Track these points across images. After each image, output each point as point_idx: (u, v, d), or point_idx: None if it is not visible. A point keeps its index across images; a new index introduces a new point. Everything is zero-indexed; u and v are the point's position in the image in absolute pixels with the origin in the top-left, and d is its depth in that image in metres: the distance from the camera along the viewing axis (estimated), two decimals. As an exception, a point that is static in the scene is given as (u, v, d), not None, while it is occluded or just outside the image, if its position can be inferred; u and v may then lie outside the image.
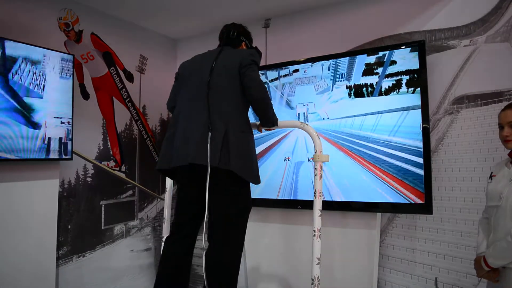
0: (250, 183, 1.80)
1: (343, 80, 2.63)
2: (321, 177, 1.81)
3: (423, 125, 2.34)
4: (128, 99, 3.28)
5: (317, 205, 1.78)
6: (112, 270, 3.04)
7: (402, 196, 2.37)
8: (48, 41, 2.55)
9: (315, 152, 1.84)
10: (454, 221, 2.42)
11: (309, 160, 2.71)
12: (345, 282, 2.55)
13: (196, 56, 1.97)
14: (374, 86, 2.51)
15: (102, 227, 2.99)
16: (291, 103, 2.86)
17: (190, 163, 1.65)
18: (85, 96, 2.91)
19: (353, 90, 2.58)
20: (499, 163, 1.74)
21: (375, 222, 2.52)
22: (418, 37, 2.59)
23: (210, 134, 1.63)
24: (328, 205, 2.57)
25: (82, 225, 2.83)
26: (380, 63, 2.50)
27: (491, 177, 1.74)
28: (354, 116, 2.56)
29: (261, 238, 2.90)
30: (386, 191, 2.42)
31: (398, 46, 2.48)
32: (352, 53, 2.66)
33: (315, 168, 1.83)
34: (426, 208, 2.31)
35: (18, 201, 2.32)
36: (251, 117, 1.95)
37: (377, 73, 2.51)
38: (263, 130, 2.05)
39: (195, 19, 3.27)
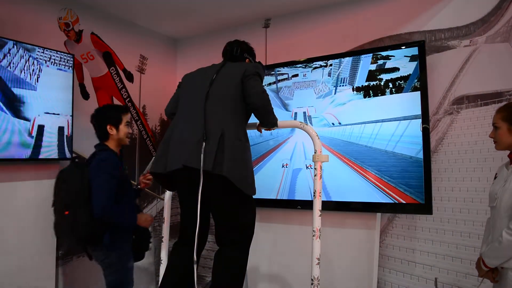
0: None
1: (345, 85, 2.61)
2: (320, 177, 1.80)
3: (423, 125, 2.34)
4: (128, 99, 3.27)
5: (317, 205, 1.77)
6: (112, 270, 3.03)
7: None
8: (48, 41, 2.55)
9: (315, 152, 1.83)
10: (454, 221, 2.42)
11: (307, 168, 2.70)
12: (345, 282, 2.55)
13: (200, 68, 1.99)
14: (388, 85, 2.47)
15: (102, 227, 2.99)
16: (289, 107, 2.84)
17: (185, 166, 1.64)
18: (85, 96, 2.91)
19: (369, 89, 2.52)
20: (502, 165, 1.75)
21: (375, 223, 2.52)
22: (418, 37, 2.59)
23: (204, 140, 1.63)
24: (328, 206, 2.57)
25: (82, 225, 2.83)
26: (386, 69, 2.48)
27: (495, 178, 1.75)
28: (377, 121, 2.48)
29: (261, 238, 2.90)
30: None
31: (398, 47, 2.48)
32: (352, 53, 2.65)
33: (315, 168, 1.81)
34: (426, 208, 2.31)
35: (18, 201, 2.32)
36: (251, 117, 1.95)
37: (380, 79, 2.48)
38: (262, 130, 2.05)
39: (195, 19, 3.27)
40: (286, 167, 2.79)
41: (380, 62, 2.49)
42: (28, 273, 2.33)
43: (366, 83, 2.53)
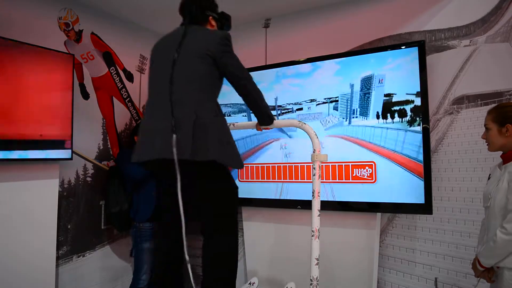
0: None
1: (356, 117, 2.56)
2: (319, 177, 1.79)
3: (423, 125, 2.34)
4: (128, 99, 3.27)
5: (316, 205, 1.75)
6: (112, 270, 3.04)
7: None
8: (48, 40, 2.55)
9: (314, 152, 1.81)
10: (454, 221, 2.42)
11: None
12: (345, 282, 2.55)
13: (165, 37, 1.82)
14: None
15: (102, 227, 2.99)
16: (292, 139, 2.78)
17: (160, 158, 1.54)
18: (85, 96, 2.91)
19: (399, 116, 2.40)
20: (495, 165, 1.76)
21: (375, 222, 2.52)
22: (418, 37, 2.59)
23: (175, 130, 1.49)
24: (328, 205, 2.57)
25: (82, 225, 2.83)
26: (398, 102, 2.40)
27: (488, 178, 1.76)
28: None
29: (261, 238, 2.90)
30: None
31: (398, 47, 2.48)
32: (352, 53, 2.65)
33: (313, 168, 1.80)
34: (426, 208, 2.31)
35: (18, 201, 2.32)
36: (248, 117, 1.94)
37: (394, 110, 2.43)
38: (262, 128, 1.98)
39: (195, 19, 3.27)
40: (289, 156, 2.77)
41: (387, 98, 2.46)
42: (28, 273, 2.33)
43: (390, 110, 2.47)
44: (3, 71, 2.16)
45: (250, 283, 2.72)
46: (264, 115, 1.81)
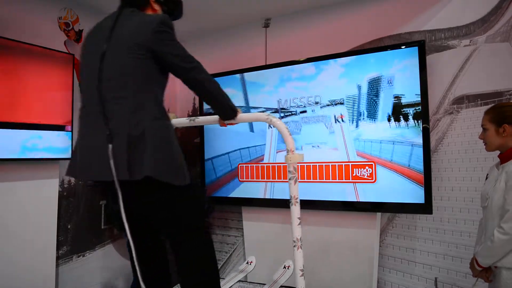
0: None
1: (363, 119, 2.53)
2: (296, 181, 1.53)
3: (423, 125, 2.34)
4: (128, 99, 3.27)
5: (295, 213, 1.53)
6: (112, 270, 3.04)
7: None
8: (48, 40, 2.55)
9: (287, 153, 1.52)
10: (454, 221, 2.43)
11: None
12: (345, 282, 2.55)
13: (97, 24, 1.55)
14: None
15: (102, 227, 2.99)
16: (296, 142, 2.75)
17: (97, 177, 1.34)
18: (85, 96, 2.90)
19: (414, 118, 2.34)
20: (492, 165, 1.77)
21: (375, 222, 2.52)
22: (418, 37, 2.59)
23: (110, 143, 1.28)
24: (330, 205, 2.58)
25: (82, 225, 2.83)
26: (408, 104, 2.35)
27: (486, 178, 1.77)
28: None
29: (261, 238, 2.90)
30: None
31: (398, 46, 2.48)
32: (353, 53, 2.65)
33: (289, 171, 1.52)
34: (426, 208, 2.32)
35: (18, 201, 2.32)
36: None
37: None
38: (226, 124, 1.64)
39: (194, 19, 3.27)
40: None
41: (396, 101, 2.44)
42: (28, 273, 2.33)
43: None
44: (3, 71, 2.16)
45: (247, 262, 2.69)
46: (225, 107, 1.52)
